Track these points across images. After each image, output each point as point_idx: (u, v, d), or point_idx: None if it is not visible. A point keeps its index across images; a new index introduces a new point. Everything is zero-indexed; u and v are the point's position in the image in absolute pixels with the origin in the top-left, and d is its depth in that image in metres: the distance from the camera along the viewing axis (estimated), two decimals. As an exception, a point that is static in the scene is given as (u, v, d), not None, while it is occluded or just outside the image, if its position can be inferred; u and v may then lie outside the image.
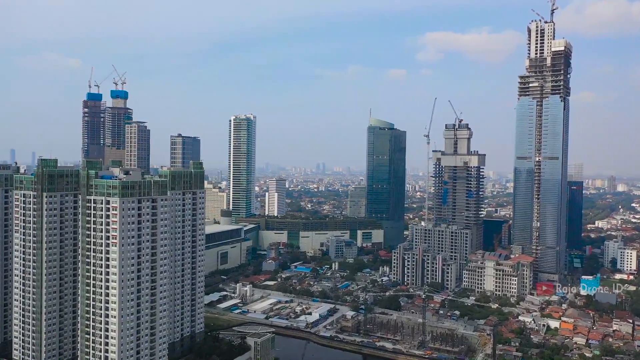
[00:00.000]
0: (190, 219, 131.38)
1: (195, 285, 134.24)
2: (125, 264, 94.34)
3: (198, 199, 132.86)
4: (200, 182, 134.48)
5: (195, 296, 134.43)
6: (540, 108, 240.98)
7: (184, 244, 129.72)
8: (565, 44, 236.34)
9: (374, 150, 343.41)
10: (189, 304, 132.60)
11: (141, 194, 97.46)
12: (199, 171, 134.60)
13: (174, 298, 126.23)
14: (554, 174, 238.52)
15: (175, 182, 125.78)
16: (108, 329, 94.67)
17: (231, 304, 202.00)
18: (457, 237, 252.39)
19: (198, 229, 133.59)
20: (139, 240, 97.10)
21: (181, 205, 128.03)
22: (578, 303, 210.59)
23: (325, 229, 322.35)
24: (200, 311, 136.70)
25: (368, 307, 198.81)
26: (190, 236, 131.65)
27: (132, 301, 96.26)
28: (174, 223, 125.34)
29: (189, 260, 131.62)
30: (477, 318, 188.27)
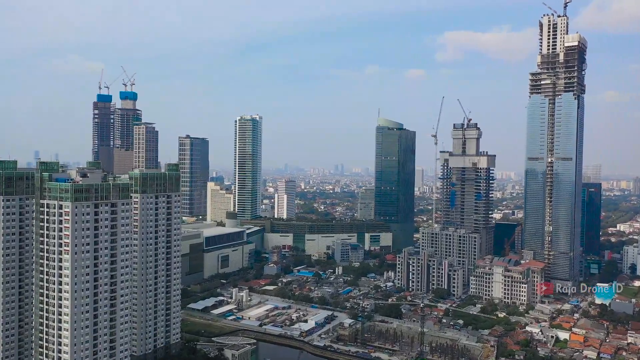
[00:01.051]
0: (164, 223, 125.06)
1: (171, 293, 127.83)
2: (80, 273, 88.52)
3: (173, 202, 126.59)
4: (176, 184, 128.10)
5: (171, 305, 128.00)
6: (553, 106, 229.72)
7: (157, 250, 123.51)
8: (579, 38, 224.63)
9: (382, 151, 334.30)
10: (163, 313, 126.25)
11: (99, 197, 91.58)
12: (173, 173, 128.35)
13: (146, 307, 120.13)
14: (567, 175, 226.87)
15: (146, 185, 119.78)
16: (61, 343, 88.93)
17: (226, 310, 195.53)
18: (465, 242, 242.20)
19: (174, 234, 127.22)
20: (95, 247, 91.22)
21: (153, 210, 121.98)
22: (592, 312, 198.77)
23: (331, 232, 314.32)
24: (176, 321, 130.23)
25: (367, 315, 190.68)
26: (165, 242, 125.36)
27: (88, 312, 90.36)
28: (146, 228, 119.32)
29: (163, 267, 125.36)
30: (481, 328, 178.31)
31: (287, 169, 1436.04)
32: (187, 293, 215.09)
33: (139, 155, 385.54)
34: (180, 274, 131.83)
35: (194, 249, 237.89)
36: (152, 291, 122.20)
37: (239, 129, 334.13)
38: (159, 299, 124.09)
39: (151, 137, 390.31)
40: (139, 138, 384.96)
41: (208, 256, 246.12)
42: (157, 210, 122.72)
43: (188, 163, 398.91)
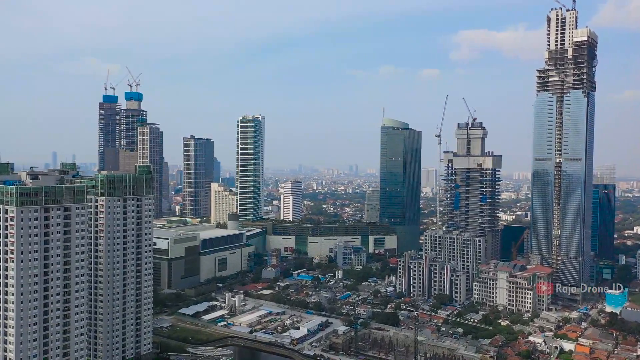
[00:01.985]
0: (133, 227, 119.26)
1: (141, 302, 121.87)
2: (26, 282, 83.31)
3: (144, 205, 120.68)
4: (147, 187, 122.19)
5: (141, 314, 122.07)
6: (561, 104, 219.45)
7: (126, 257, 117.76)
8: (588, 33, 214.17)
9: (387, 152, 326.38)
10: (133, 322, 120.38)
11: (49, 201, 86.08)
12: (144, 175, 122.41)
13: (113, 317, 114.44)
14: (576, 176, 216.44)
15: (113, 188, 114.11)
16: (7, 357, 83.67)
17: (218, 316, 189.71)
18: (469, 245, 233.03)
19: (145, 239, 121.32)
20: (45, 255, 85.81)
21: (121, 214, 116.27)
22: (601, 321, 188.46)
23: (335, 234, 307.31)
24: (147, 330, 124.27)
25: (363, 322, 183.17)
26: (135, 247, 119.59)
27: (36, 325, 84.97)
28: (113, 233, 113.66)
29: (132, 274, 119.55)
30: (482, 337, 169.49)
31: (302, 170, 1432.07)
32: (180, 297, 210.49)
33: (142, 156, 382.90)
34: (151, 281, 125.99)
35: (189, 251, 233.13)
36: (120, 299, 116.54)
37: (241, 129, 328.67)
38: (128, 307, 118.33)
39: (155, 137, 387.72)
40: (143, 138, 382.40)
41: (205, 259, 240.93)
42: (125, 214, 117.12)
43: (192, 164, 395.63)
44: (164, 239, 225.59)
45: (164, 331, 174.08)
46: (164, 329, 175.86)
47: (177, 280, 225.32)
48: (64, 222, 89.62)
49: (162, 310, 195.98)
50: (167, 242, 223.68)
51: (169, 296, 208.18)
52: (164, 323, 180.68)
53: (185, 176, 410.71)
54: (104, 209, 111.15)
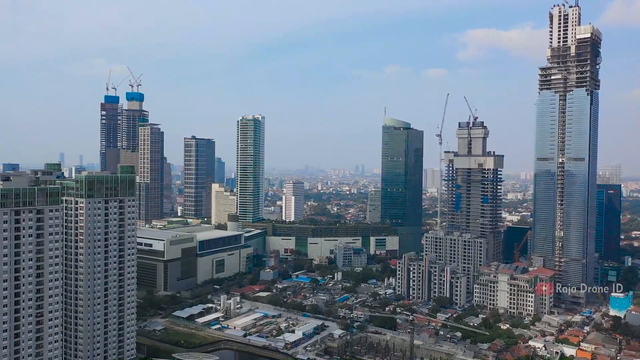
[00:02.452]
0: (115, 230, 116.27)
1: (124, 305, 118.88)
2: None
3: (126, 207, 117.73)
4: (130, 188, 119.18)
5: (124, 318, 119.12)
6: (564, 103, 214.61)
7: (108, 260, 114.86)
8: (592, 30, 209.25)
9: (389, 152, 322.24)
10: (115, 327, 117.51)
11: (20, 204, 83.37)
12: (127, 176, 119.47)
13: (94, 322, 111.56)
14: (580, 176, 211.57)
15: (93, 189, 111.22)
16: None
17: (212, 318, 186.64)
18: (470, 247, 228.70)
19: (127, 241, 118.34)
20: (16, 259, 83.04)
21: (102, 216, 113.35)
22: (605, 325, 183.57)
23: (335, 235, 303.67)
24: (130, 335, 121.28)
25: (360, 326, 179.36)
26: (117, 250, 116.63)
27: (7, 332, 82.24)
28: (93, 236, 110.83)
29: (114, 277, 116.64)
30: (481, 341, 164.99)
31: (308, 170, 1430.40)
32: (176, 299, 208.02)
33: (143, 157, 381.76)
34: (135, 285, 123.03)
35: (186, 253, 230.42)
36: (102, 304, 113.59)
37: (241, 130, 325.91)
38: (110, 312, 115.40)
39: (156, 138, 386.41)
40: (144, 139, 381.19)
41: (202, 261, 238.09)
42: (107, 216, 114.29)
43: (194, 164, 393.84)
44: (160, 240, 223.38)
45: (156, 334, 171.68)
46: (157, 332, 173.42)
47: (174, 282, 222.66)
48: (36, 225, 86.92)
49: (156, 312, 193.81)
50: (163, 243, 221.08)
51: (164, 298, 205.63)
52: (157, 326, 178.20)
53: (186, 177, 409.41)
54: (84, 211, 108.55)
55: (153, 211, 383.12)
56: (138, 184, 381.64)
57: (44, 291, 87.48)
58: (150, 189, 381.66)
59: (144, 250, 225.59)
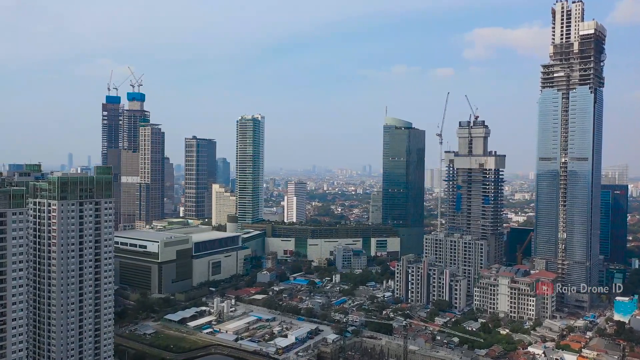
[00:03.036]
0: (91, 233, 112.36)
1: (100, 312, 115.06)
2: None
3: (103, 209, 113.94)
4: (106, 189, 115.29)
5: (101, 326, 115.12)
6: (567, 101, 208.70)
7: (83, 264, 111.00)
8: (595, 26, 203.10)
9: (390, 152, 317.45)
10: (91, 334, 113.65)
11: (-19, 207, 79.97)
12: (103, 177, 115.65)
13: (67, 330, 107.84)
14: (583, 177, 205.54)
15: (66, 191, 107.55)
16: None
17: (204, 322, 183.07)
18: (471, 249, 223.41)
19: (103, 245, 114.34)
20: (-25, 265, 79.56)
21: (77, 218, 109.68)
22: (608, 330, 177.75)
23: (335, 237, 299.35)
24: (107, 342, 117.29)
25: (355, 330, 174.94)
26: (92, 254, 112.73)
27: (-34, 342, 78.88)
28: (66, 239, 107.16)
29: (90, 283, 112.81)
30: (479, 347, 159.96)
31: (315, 170, 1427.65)
32: (170, 302, 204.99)
33: (144, 157, 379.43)
34: (112, 290, 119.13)
35: (181, 254, 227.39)
36: (76, 310, 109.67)
37: (240, 129, 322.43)
38: (85, 318, 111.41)
39: (157, 138, 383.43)
40: (145, 139, 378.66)
41: (197, 262, 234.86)
42: (82, 219, 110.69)
43: (194, 165, 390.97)
44: (154, 241, 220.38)
45: (147, 338, 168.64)
46: (148, 336, 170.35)
47: (168, 284, 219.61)
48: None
49: (148, 315, 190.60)
50: (157, 245, 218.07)
51: (157, 301, 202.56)
52: (148, 329, 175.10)
53: (187, 177, 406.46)
54: (57, 213, 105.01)
55: (154, 212, 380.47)
56: (138, 185, 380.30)
57: (7, 298, 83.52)
58: (151, 190, 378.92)
59: (138, 252, 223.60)
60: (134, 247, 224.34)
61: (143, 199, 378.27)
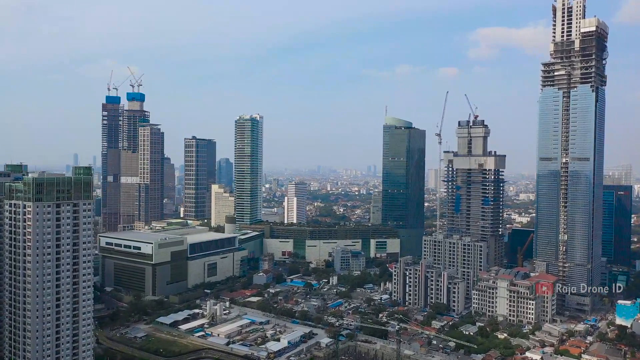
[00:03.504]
0: (68, 236, 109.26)
1: (78, 317, 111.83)
2: None
3: (81, 212, 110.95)
4: (85, 191, 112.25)
5: (79, 332, 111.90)
6: (568, 100, 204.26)
7: (60, 268, 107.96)
8: (597, 23, 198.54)
9: (390, 152, 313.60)
10: (69, 339, 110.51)
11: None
12: (81, 178, 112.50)
13: (43, 335, 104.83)
14: (584, 177, 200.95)
15: (42, 192, 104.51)
16: None
17: (197, 325, 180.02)
18: (470, 251, 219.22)
19: (82, 248, 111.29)
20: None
21: (53, 220, 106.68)
22: (610, 335, 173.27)
23: (334, 238, 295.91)
24: (86, 348, 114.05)
25: (349, 334, 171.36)
26: (70, 257, 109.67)
27: None
28: (42, 242, 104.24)
29: (67, 287, 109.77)
30: (475, 352, 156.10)
31: (320, 170, 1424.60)
32: (163, 304, 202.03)
33: (143, 157, 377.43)
34: (91, 295, 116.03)
35: (176, 256, 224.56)
36: (52, 315, 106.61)
37: (238, 130, 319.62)
38: (63, 323, 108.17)
39: (156, 138, 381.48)
40: (144, 139, 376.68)
41: (192, 264, 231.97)
42: (58, 221, 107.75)
43: (194, 165, 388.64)
44: (148, 243, 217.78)
45: (137, 342, 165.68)
46: (138, 339, 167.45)
47: (162, 286, 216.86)
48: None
49: (141, 318, 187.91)
50: (151, 246, 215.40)
51: (150, 303, 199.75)
52: (139, 333, 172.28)
53: (186, 178, 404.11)
54: (32, 215, 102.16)
55: (153, 212, 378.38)
56: (137, 185, 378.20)
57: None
58: (150, 190, 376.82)
59: (133, 253, 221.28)
60: (128, 249, 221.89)
61: (142, 199, 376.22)
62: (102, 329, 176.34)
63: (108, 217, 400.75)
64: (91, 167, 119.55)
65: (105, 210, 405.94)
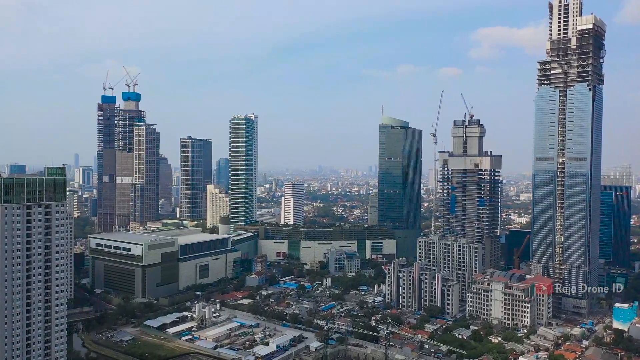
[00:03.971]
0: (40, 239, 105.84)
1: (51, 323, 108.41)
2: None
3: (54, 214, 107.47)
4: (59, 192, 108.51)
5: (51, 339, 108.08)
6: (564, 99, 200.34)
7: (31, 272, 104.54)
8: (594, 20, 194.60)
9: (386, 152, 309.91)
10: (41, 346, 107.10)
11: None
12: (54, 178, 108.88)
13: (11, 342, 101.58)
14: (581, 178, 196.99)
15: (11, 194, 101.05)
16: None
17: (185, 328, 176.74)
18: (465, 252, 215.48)
19: (55, 251, 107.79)
20: None
21: (23, 223, 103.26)
22: (606, 339, 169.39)
23: (330, 239, 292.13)
24: (59, 355, 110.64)
25: (340, 338, 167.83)
26: (42, 261, 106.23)
27: None
28: (11, 246, 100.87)
29: (38, 292, 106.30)
30: (467, 357, 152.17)
31: (321, 171, 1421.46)
32: (152, 307, 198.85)
33: (138, 157, 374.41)
34: (65, 300, 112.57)
35: (166, 257, 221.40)
36: (23, 321, 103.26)
37: (232, 129, 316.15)
38: (34, 330, 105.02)
39: (151, 138, 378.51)
40: (139, 139, 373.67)
41: (184, 265, 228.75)
42: (29, 223, 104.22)
43: (190, 165, 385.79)
44: (137, 244, 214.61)
45: (123, 345, 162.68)
46: (124, 343, 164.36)
47: (152, 288, 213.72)
48: None
49: (128, 321, 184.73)
50: (140, 247, 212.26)
51: (139, 306, 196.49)
52: (125, 336, 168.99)
53: (182, 178, 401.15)
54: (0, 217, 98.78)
55: (148, 213, 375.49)
56: (133, 185, 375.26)
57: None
58: (146, 190, 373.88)
59: (122, 254, 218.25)
60: (118, 250, 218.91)
61: (137, 199, 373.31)
62: (88, 332, 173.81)
63: (104, 217, 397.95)
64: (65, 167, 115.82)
65: (101, 210, 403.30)
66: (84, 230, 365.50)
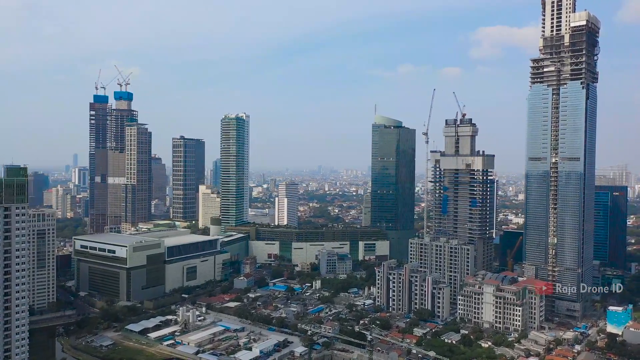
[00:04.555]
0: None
1: (11, 331, 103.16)
2: None
3: (14, 216, 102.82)
4: (20, 193, 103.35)
5: (12, 350, 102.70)
6: (557, 97, 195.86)
7: None
8: (587, 17, 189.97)
9: (379, 151, 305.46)
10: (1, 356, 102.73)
11: None
12: (14, 179, 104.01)
13: None
14: (574, 178, 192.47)
15: None
16: None
17: (167, 332, 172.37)
18: (457, 254, 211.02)
19: (15, 255, 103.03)
20: None
21: None
22: (599, 343, 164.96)
23: (321, 240, 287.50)
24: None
25: (326, 342, 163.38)
26: (1, 266, 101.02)
27: None
28: None
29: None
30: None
31: (321, 171, 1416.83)
32: (136, 310, 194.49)
33: (130, 157, 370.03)
34: (26, 308, 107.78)
35: (152, 260, 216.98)
36: None
37: (223, 129, 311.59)
38: None
39: (143, 138, 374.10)
40: (131, 139, 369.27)
41: (170, 268, 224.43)
42: None
43: (182, 165, 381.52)
44: (122, 246, 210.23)
45: (102, 351, 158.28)
46: (104, 348, 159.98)
47: (138, 291, 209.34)
48: None
49: (110, 325, 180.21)
50: (125, 249, 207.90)
51: (122, 309, 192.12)
52: (105, 341, 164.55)
53: (174, 178, 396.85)
54: None
55: (140, 213, 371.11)
56: (124, 186, 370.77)
57: None
58: (137, 191, 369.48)
59: (107, 257, 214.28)
60: (102, 252, 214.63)
61: (129, 200, 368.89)
62: (68, 337, 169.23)
63: (95, 218, 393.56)
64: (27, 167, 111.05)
65: (93, 211, 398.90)
66: (76, 231, 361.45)
